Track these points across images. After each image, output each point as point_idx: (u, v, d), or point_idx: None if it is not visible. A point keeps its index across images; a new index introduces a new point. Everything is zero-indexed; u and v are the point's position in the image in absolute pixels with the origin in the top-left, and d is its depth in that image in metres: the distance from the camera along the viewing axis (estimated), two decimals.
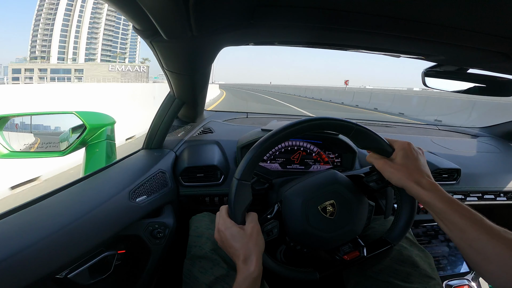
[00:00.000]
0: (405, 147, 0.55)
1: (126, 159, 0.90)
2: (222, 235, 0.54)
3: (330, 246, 0.60)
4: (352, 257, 0.58)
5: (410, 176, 0.51)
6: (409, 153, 0.54)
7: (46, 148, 1.03)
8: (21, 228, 0.51)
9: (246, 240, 0.51)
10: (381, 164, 0.55)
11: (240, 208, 0.53)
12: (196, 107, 1.13)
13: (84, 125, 0.96)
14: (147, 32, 0.51)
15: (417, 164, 0.53)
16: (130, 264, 0.73)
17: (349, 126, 0.56)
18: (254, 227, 0.53)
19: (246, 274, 0.49)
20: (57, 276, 0.51)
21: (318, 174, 0.65)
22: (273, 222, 0.58)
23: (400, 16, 0.47)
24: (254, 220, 0.55)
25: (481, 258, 0.43)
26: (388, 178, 0.55)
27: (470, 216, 0.45)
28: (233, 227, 0.53)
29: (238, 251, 0.51)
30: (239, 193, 0.53)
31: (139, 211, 0.71)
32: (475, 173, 1.16)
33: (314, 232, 0.57)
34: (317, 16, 0.49)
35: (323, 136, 1.01)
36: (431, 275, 0.64)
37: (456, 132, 1.63)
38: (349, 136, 0.57)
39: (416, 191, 0.50)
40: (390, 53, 0.69)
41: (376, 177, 0.59)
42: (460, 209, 0.46)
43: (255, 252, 0.51)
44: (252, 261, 0.50)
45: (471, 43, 0.54)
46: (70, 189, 0.67)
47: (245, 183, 0.53)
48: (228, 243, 0.53)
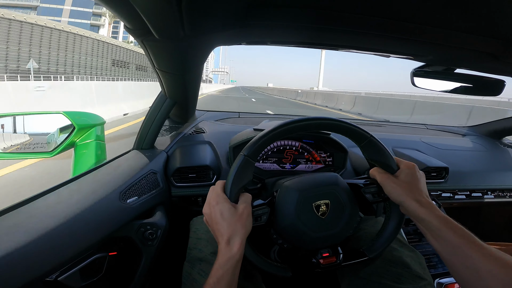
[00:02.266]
0: (410, 167, 0.57)
1: (116, 160, 0.89)
2: (212, 210, 0.52)
3: (311, 247, 0.60)
4: (328, 262, 0.59)
5: (410, 193, 0.53)
6: (413, 173, 0.56)
7: (34, 148, 1.01)
8: (9, 231, 0.49)
9: (235, 219, 0.50)
10: (384, 178, 0.57)
11: (238, 185, 0.53)
12: (188, 107, 1.13)
13: (72, 125, 0.94)
14: (138, 32, 0.50)
15: (419, 184, 0.55)
16: (122, 266, 0.71)
17: (364, 135, 0.57)
18: (246, 208, 0.52)
19: (229, 255, 0.48)
20: (47, 279, 0.50)
21: (320, 173, 0.65)
22: (264, 208, 0.57)
23: (390, 16, 0.48)
24: (248, 201, 0.54)
25: (472, 275, 0.44)
26: (388, 193, 0.56)
27: (464, 234, 0.47)
28: (225, 203, 0.52)
29: (224, 229, 0.50)
30: (241, 170, 0.53)
31: (130, 212, 0.70)
32: (463, 171, 1.18)
33: (300, 228, 0.56)
34: (309, 17, 0.50)
35: (315, 135, 1.01)
36: (422, 275, 0.65)
37: (444, 131, 1.66)
38: (360, 145, 0.58)
39: (414, 207, 0.52)
40: (380, 53, 0.70)
41: (374, 190, 0.60)
42: (455, 227, 0.48)
43: (240, 234, 0.50)
44: (236, 243, 0.49)
45: (458, 43, 0.55)
46: (59, 190, 0.66)
47: (250, 162, 0.53)
48: (216, 218, 0.51)
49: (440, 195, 1.13)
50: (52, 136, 1.03)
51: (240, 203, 0.53)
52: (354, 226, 0.63)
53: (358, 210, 0.63)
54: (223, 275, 0.46)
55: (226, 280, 0.47)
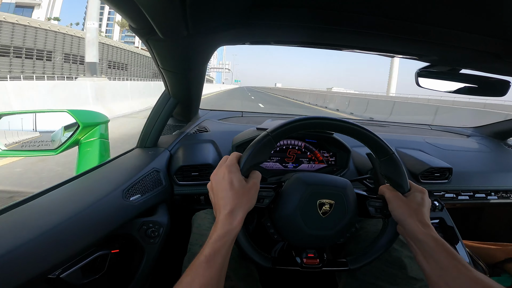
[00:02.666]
0: (422, 191, 0.58)
1: (119, 158, 0.89)
2: (222, 176, 0.50)
3: (301, 243, 0.60)
4: (310, 263, 0.59)
5: (415, 215, 0.54)
6: (422, 197, 0.56)
7: (39, 146, 1.02)
8: (13, 227, 0.50)
9: (242, 192, 0.49)
10: (392, 196, 0.57)
11: (253, 161, 0.52)
12: (191, 106, 1.13)
13: (77, 124, 0.95)
14: (143, 31, 0.51)
15: (423, 208, 0.55)
16: (124, 263, 0.72)
17: (387, 150, 0.57)
18: (255, 184, 0.52)
19: (229, 228, 0.46)
20: (49, 276, 0.51)
21: (333, 175, 0.65)
22: (270, 192, 0.57)
23: (394, 16, 0.48)
24: (258, 178, 0.53)
25: None
26: (392, 209, 0.56)
27: (455, 257, 0.47)
28: (238, 173, 0.50)
29: (229, 199, 0.48)
30: (261, 147, 0.53)
31: (133, 210, 0.70)
32: (466, 172, 1.18)
33: (298, 221, 0.56)
34: (312, 16, 0.50)
35: (318, 135, 1.01)
36: (419, 276, 0.65)
37: (449, 132, 1.65)
38: (380, 160, 0.58)
39: (414, 227, 0.52)
40: (385, 54, 0.70)
41: (378, 205, 0.60)
42: (448, 249, 0.49)
43: (243, 208, 0.49)
44: (237, 216, 0.47)
45: (463, 43, 0.55)
46: (62, 187, 0.67)
47: (271, 142, 0.53)
48: (224, 186, 0.49)
49: (443, 196, 1.12)
50: (57, 134, 1.04)
51: (250, 178, 0.52)
52: (347, 235, 0.63)
53: (357, 220, 0.63)
54: (220, 247, 0.45)
55: (222, 254, 0.45)
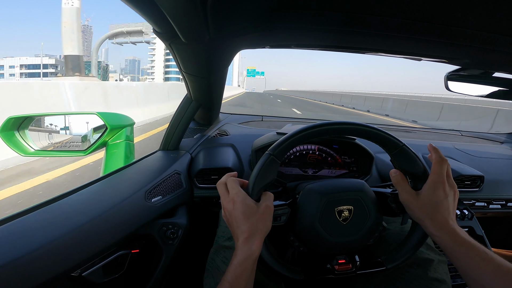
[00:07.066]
0: (436, 185, 0.51)
1: (143, 160, 0.92)
2: (234, 206, 0.50)
3: (328, 252, 0.58)
4: (343, 269, 0.57)
5: (427, 217, 0.51)
6: (439, 192, 0.51)
7: (69, 147, 1.07)
8: (41, 226, 0.52)
9: (256, 218, 0.49)
10: (405, 198, 0.54)
11: (261, 183, 0.52)
12: (212, 110, 1.15)
13: (105, 126, 0.99)
14: (166, 35, 0.52)
15: (442, 206, 0.50)
16: (142, 263, 0.74)
17: (397, 143, 0.55)
18: (268, 207, 0.51)
19: (248, 253, 0.47)
20: (72, 274, 0.52)
21: (346, 179, 0.64)
22: (285, 209, 0.57)
23: (420, 18, 0.46)
24: (270, 200, 0.53)
25: None
26: (410, 214, 0.54)
27: (486, 257, 0.44)
28: (248, 200, 0.50)
29: (244, 226, 0.48)
30: (266, 168, 0.52)
31: (154, 211, 0.72)
32: (499, 180, 1.12)
33: (320, 232, 0.55)
34: (335, 19, 0.49)
35: (340, 140, 0.99)
36: (442, 278, 0.62)
37: (480, 138, 1.57)
38: (392, 154, 0.56)
39: (431, 231, 0.50)
40: (411, 57, 0.68)
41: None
42: (472, 248, 0.46)
43: (260, 233, 0.49)
44: (255, 241, 0.48)
45: (496, 46, 0.52)
46: (89, 188, 0.69)
47: (275, 161, 0.53)
48: (237, 216, 0.49)
49: (473, 204, 1.07)
50: (86, 136, 1.09)
51: (262, 201, 0.52)
52: (376, 235, 0.61)
53: (382, 219, 0.61)
54: (241, 273, 0.46)
55: (244, 278, 0.46)
